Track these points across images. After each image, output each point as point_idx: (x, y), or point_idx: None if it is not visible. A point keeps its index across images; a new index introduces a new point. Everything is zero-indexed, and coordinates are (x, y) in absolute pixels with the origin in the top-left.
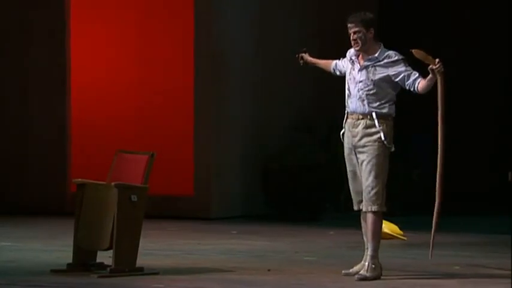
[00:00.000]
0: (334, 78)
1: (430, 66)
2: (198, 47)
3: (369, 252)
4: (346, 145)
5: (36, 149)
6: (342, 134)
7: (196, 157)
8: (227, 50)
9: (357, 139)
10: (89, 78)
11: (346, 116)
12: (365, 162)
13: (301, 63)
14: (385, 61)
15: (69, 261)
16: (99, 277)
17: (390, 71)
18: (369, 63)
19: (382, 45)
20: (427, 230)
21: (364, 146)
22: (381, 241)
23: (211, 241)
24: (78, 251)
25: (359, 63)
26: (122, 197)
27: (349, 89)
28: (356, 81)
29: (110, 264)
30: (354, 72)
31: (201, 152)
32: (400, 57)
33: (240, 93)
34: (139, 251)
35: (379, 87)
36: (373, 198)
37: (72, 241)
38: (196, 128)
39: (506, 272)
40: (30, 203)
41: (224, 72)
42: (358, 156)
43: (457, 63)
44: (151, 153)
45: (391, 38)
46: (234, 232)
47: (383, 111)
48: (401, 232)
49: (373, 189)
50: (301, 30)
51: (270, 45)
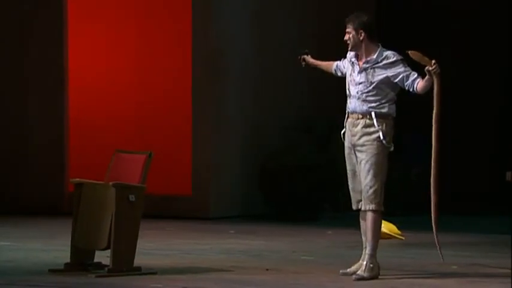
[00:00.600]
0: (333, 79)
1: (427, 68)
2: (197, 46)
3: (367, 251)
4: (346, 144)
5: (34, 148)
6: (343, 133)
7: (194, 157)
8: (226, 49)
9: (356, 138)
10: (87, 78)
11: (346, 116)
12: (364, 161)
13: (303, 65)
14: (383, 62)
15: (67, 260)
16: (97, 277)
17: (389, 72)
18: (367, 65)
19: (381, 46)
20: (426, 229)
21: (363, 145)
22: (379, 241)
23: (209, 241)
24: (76, 250)
25: (358, 65)
26: (119, 196)
27: (349, 89)
28: (356, 82)
29: (108, 264)
30: (354, 74)
31: (200, 152)
32: (398, 57)
33: (238, 93)
34: (137, 250)
35: (379, 88)
36: (372, 197)
37: (70, 241)
38: (195, 128)
39: (505, 272)
40: (29, 203)
41: (223, 71)
42: (358, 155)
43: (457, 63)
44: (149, 152)
45: (390, 38)
46: (232, 232)
47: (382, 111)
48: (400, 232)
49: (371, 188)
50: (301, 30)
51: (269, 44)
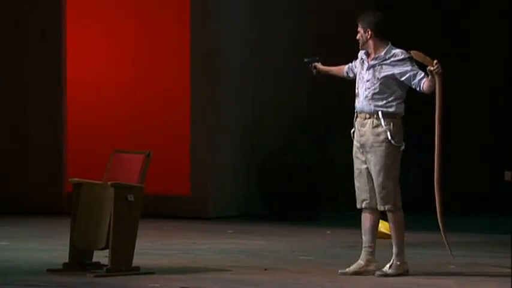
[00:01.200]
0: (330, 79)
1: (428, 68)
2: (194, 46)
3: (393, 249)
4: (354, 143)
5: (33, 149)
6: (352, 132)
7: (192, 156)
8: (224, 49)
9: (364, 138)
10: (85, 79)
11: (355, 115)
12: (373, 163)
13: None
14: (391, 60)
15: (66, 260)
16: (96, 276)
17: (396, 70)
18: (375, 62)
19: (390, 44)
20: (424, 229)
21: (372, 146)
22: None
23: (208, 240)
24: (74, 250)
25: (367, 62)
26: (118, 196)
27: (357, 88)
28: (364, 80)
29: (106, 263)
30: (363, 71)
31: (198, 152)
32: (406, 56)
33: (236, 93)
34: (135, 250)
35: (385, 86)
36: (386, 198)
37: (68, 241)
38: (193, 128)
39: (503, 271)
40: (27, 203)
41: (220, 71)
42: (367, 156)
43: (456, 63)
44: (147, 152)
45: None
46: (231, 231)
47: (390, 110)
48: None
49: (383, 189)
50: (298, 29)
51: (267, 44)
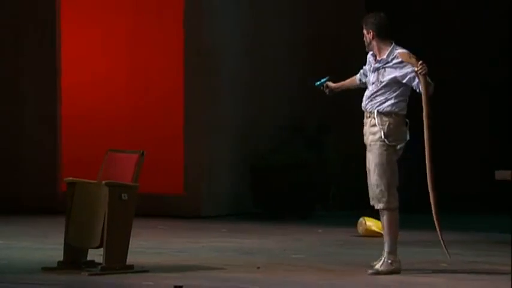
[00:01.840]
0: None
1: (413, 68)
2: (188, 46)
3: (385, 248)
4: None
5: (28, 148)
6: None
7: (186, 156)
8: (217, 49)
9: (365, 137)
10: (79, 78)
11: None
12: (370, 161)
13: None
14: (393, 62)
15: (61, 259)
16: (90, 275)
17: (398, 73)
18: (379, 65)
19: (394, 44)
20: (416, 228)
21: (369, 145)
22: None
23: (201, 239)
24: (69, 249)
25: (373, 65)
26: (112, 195)
27: (366, 89)
28: (370, 82)
29: (101, 262)
30: (369, 73)
31: (191, 151)
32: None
33: (230, 92)
34: (129, 249)
35: (388, 87)
36: (379, 196)
37: (63, 239)
38: (187, 127)
39: (495, 269)
40: (22, 202)
41: (214, 71)
42: (367, 154)
43: (450, 63)
44: (141, 151)
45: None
46: (224, 230)
47: (386, 109)
48: None
49: (377, 187)
50: (292, 29)
51: (260, 44)
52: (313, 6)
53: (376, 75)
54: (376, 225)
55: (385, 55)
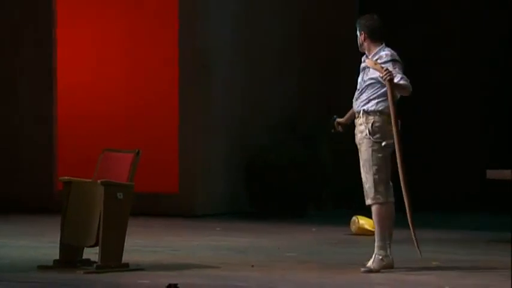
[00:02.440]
0: (317, 79)
1: (379, 75)
2: (183, 46)
3: (375, 242)
4: None
5: (24, 147)
6: None
7: (181, 155)
8: (212, 49)
9: (356, 137)
10: (75, 78)
11: None
12: (360, 158)
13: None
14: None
15: (56, 257)
16: (85, 273)
17: (379, 73)
18: (364, 65)
19: (383, 45)
20: (407, 226)
21: (359, 143)
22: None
23: (196, 238)
24: (64, 247)
25: (361, 66)
26: (108, 194)
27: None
28: (359, 82)
29: (96, 260)
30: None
31: (187, 150)
32: (390, 58)
33: (225, 92)
34: (125, 247)
35: (371, 87)
36: (367, 192)
37: (59, 238)
38: (182, 126)
39: (484, 266)
40: (18, 201)
41: (209, 71)
42: (359, 153)
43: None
44: (136, 151)
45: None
46: (219, 229)
47: (371, 108)
48: None
49: (365, 183)
50: (286, 29)
51: (254, 44)
52: (307, 7)
53: (362, 75)
54: (368, 224)
55: (371, 55)
